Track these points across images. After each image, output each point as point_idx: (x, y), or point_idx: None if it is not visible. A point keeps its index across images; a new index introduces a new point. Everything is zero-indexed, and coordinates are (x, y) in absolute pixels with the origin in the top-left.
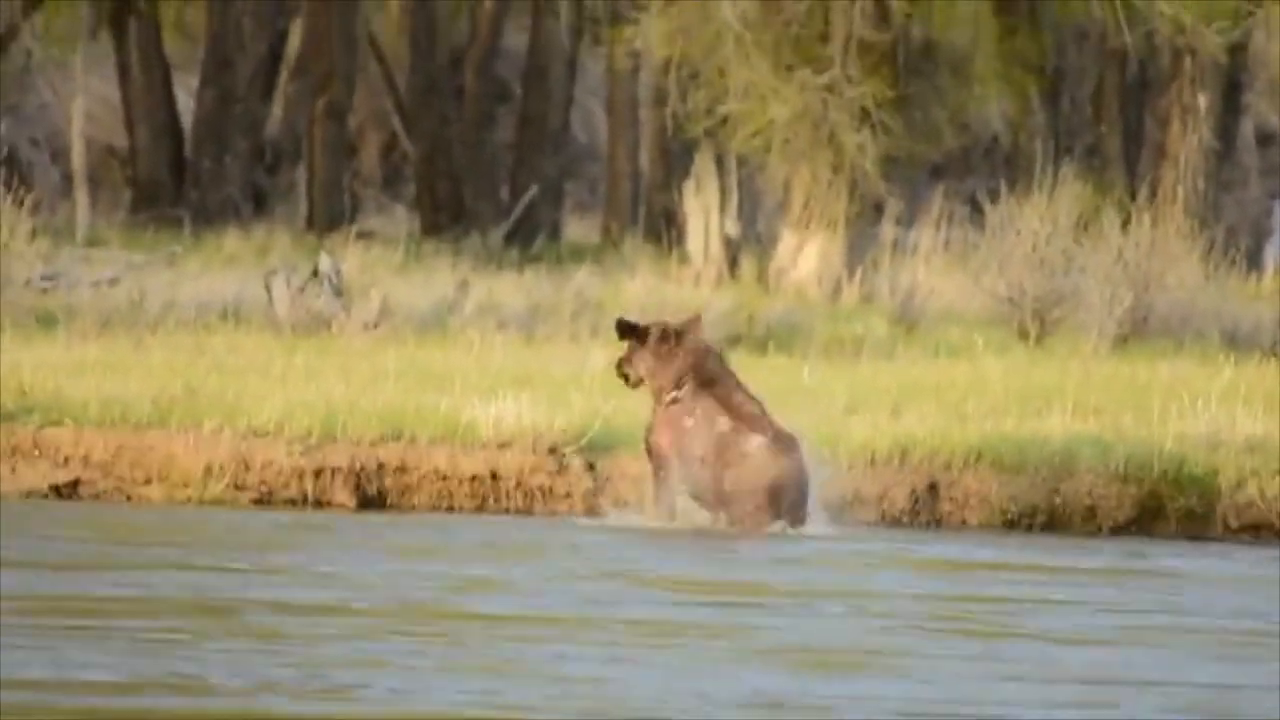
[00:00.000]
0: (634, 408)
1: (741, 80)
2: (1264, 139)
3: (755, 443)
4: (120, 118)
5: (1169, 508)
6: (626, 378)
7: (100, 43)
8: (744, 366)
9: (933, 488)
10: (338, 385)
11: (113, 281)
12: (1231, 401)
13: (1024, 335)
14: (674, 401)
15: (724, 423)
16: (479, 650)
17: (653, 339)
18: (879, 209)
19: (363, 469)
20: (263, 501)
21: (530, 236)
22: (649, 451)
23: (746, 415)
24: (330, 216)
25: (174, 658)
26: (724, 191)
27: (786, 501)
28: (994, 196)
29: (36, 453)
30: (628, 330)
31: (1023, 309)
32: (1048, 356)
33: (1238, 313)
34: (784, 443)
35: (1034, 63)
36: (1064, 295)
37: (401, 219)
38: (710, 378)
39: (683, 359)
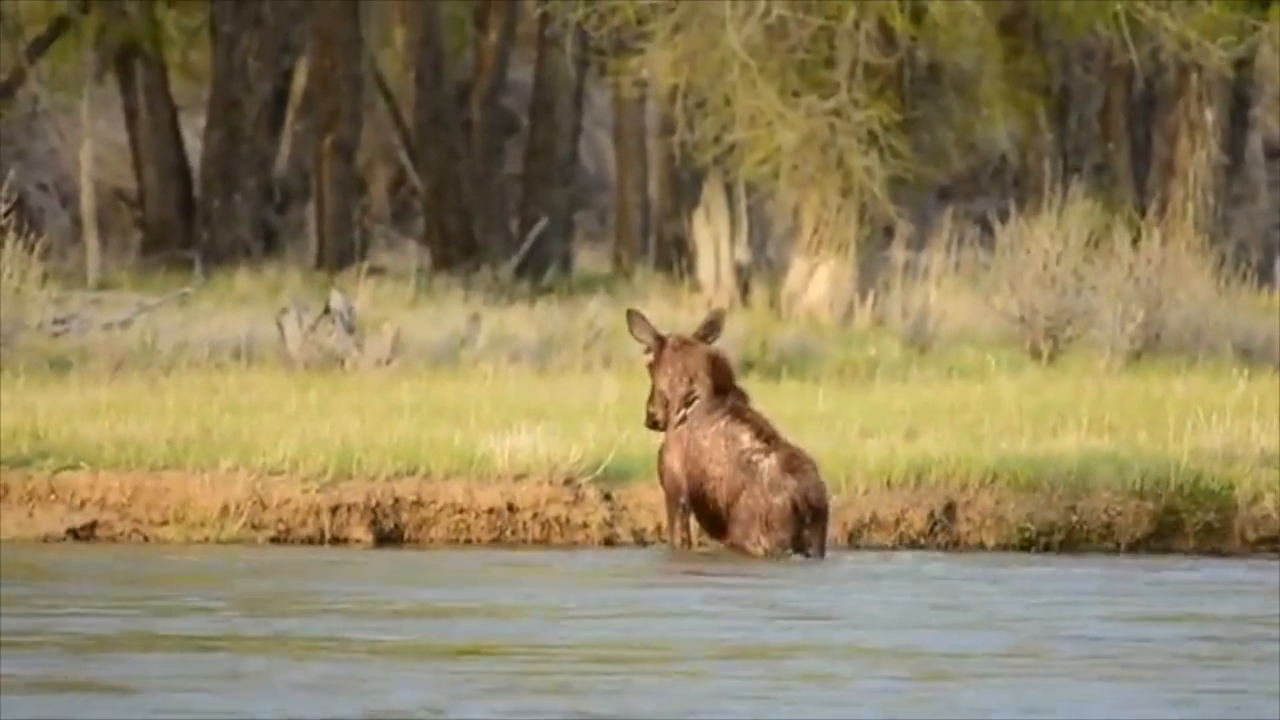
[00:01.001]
0: (648, 437)
1: (748, 107)
2: (1272, 153)
3: (770, 461)
4: (128, 160)
5: (1187, 523)
6: (656, 425)
7: (106, 86)
8: (758, 393)
9: (950, 509)
10: (352, 421)
11: (125, 324)
12: (1246, 415)
13: (1037, 354)
14: (683, 420)
15: (745, 440)
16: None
17: (670, 347)
18: (889, 232)
19: (379, 505)
20: (280, 540)
21: (541, 268)
22: (661, 475)
23: (764, 431)
24: (340, 253)
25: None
26: (734, 218)
27: (803, 525)
28: (1003, 217)
29: (53, 497)
30: (645, 328)
31: (1035, 328)
32: (1061, 375)
33: (1250, 327)
34: (801, 461)
35: (1040, 82)
36: (1076, 313)
37: (412, 254)
38: (725, 388)
39: (698, 364)
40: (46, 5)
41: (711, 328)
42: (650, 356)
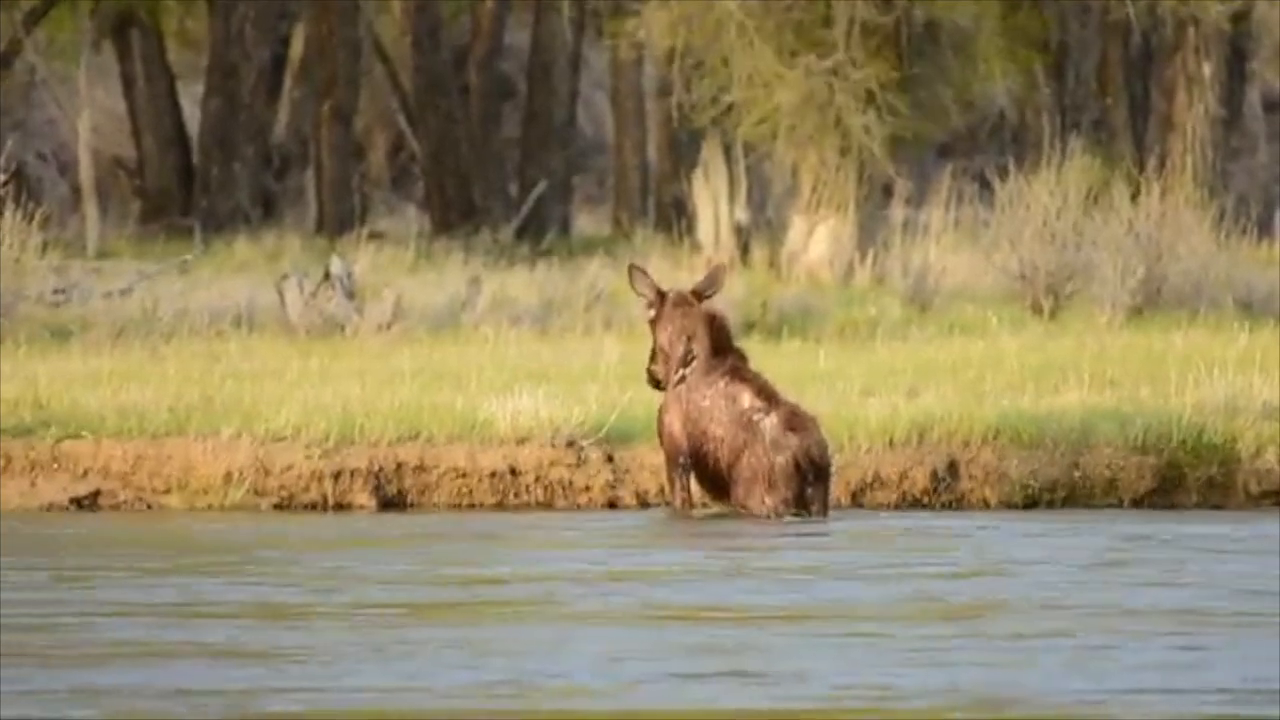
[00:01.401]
0: (651, 398)
1: (745, 68)
2: (1270, 106)
3: (771, 420)
4: (127, 129)
5: (1189, 477)
6: (659, 384)
7: (103, 55)
8: (759, 352)
9: (953, 467)
10: (354, 387)
11: (125, 292)
12: (1248, 368)
13: (1038, 310)
14: (682, 380)
15: (745, 399)
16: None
17: (670, 303)
18: (888, 190)
19: (382, 470)
20: (283, 506)
21: (541, 231)
22: (660, 435)
23: (764, 390)
24: (340, 219)
25: None
26: (732, 179)
27: (806, 483)
28: (1003, 174)
29: (55, 466)
30: (646, 282)
31: (1035, 284)
32: (1062, 331)
33: (1251, 280)
34: (802, 419)
35: (1037, 38)
36: (1076, 269)
37: (411, 219)
38: (724, 348)
39: (697, 324)
40: None
41: (711, 282)
42: (651, 313)
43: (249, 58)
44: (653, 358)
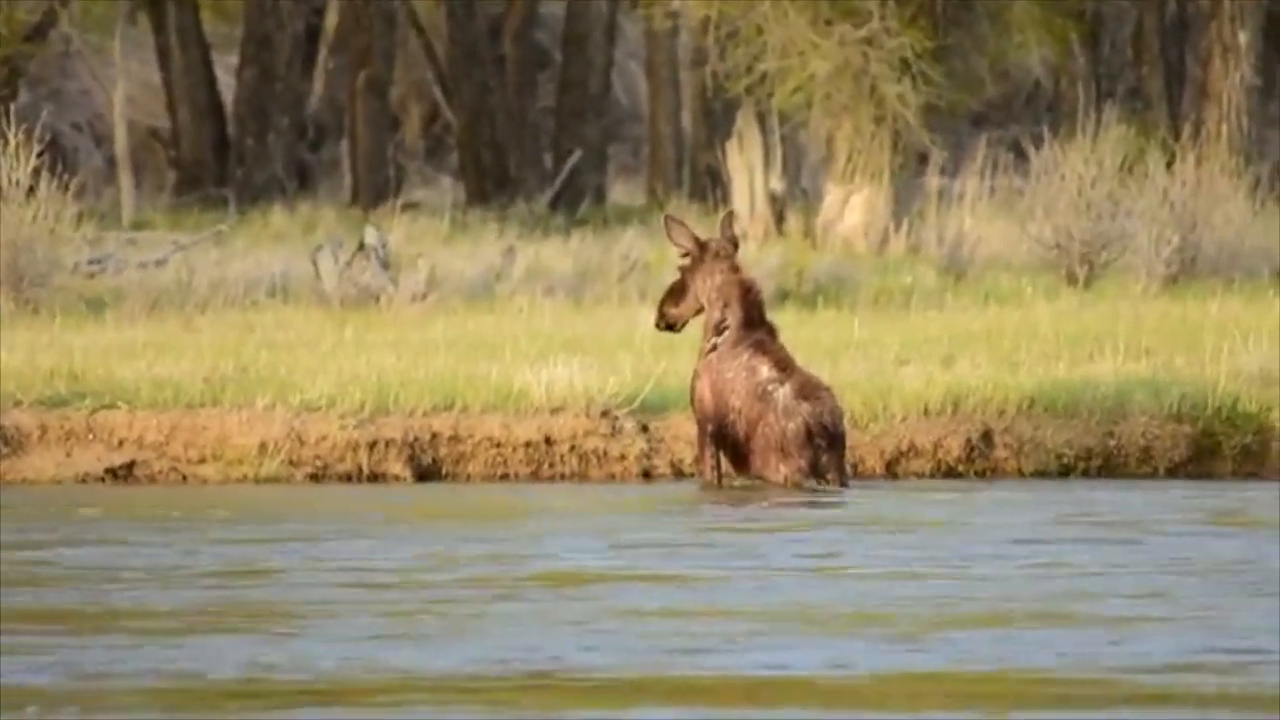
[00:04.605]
0: (685, 369)
1: (780, 37)
2: None
3: (785, 389)
4: (162, 100)
5: (1225, 446)
6: (671, 326)
7: (139, 26)
8: (794, 322)
9: (987, 436)
10: (388, 357)
11: (160, 263)
12: None
13: (1073, 280)
14: (713, 349)
15: (763, 371)
16: None
17: (712, 253)
18: (923, 159)
19: (416, 440)
20: (318, 477)
21: (575, 201)
22: (693, 403)
23: (781, 362)
24: (375, 190)
25: None
26: (767, 148)
27: (820, 451)
28: (1038, 143)
29: (90, 436)
30: (684, 233)
31: (1070, 254)
32: (1097, 300)
33: None
34: (815, 387)
35: (1073, 7)
36: (1111, 238)
37: (446, 189)
38: (755, 321)
39: (733, 292)
40: None
41: (727, 224)
42: (687, 261)
43: (284, 28)
44: (671, 297)
